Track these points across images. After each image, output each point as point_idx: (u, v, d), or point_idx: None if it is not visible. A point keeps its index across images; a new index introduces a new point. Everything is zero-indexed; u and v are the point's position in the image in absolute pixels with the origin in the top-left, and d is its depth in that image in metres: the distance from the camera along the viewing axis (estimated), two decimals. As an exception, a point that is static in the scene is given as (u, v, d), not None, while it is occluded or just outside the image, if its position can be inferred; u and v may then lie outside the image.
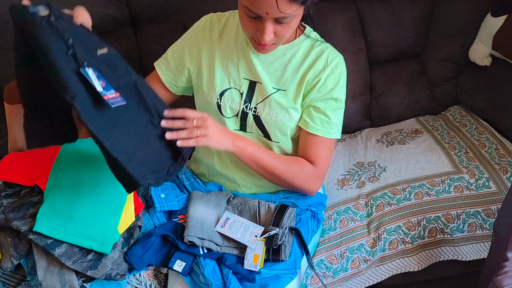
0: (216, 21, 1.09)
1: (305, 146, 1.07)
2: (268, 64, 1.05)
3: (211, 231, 1.02)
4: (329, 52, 1.04)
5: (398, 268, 1.21)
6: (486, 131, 1.45)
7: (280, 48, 1.04)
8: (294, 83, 1.04)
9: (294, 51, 1.05)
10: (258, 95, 1.06)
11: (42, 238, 0.93)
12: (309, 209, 1.14)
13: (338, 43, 1.59)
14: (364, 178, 1.36)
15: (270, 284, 0.96)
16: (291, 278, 1.01)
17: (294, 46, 1.05)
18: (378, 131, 1.61)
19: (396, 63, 1.71)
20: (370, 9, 1.64)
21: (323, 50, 1.04)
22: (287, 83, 1.05)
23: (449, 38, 1.65)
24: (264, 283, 0.96)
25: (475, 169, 1.31)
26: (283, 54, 1.05)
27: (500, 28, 1.47)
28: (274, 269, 1.00)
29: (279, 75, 1.05)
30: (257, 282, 0.97)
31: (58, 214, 0.97)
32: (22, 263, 0.97)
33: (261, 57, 1.05)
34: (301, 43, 1.05)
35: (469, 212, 1.22)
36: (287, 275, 1.00)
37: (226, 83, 1.06)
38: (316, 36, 1.08)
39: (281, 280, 0.98)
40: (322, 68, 1.03)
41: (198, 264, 0.98)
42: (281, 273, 1.00)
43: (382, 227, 1.21)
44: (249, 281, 0.97)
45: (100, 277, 0.94)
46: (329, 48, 1.06)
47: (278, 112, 1.05)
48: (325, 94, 1.04)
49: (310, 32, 1.08)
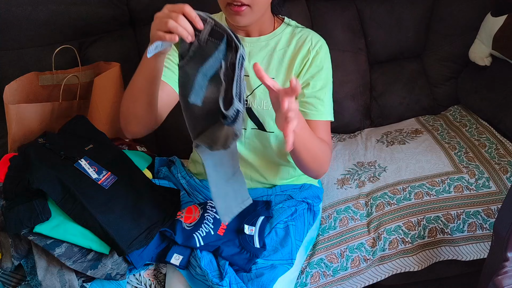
0: None
1: None
2: (253, 56, 1.09)
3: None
4: (312, 36, 1.08)
5: (398, 268, 1.21)
6: (486, 131, 1.45)
7: (263, 39, 1.08)
8: (282, 70, 1.08)
9: (276, 40, 1.09)
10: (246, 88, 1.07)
11: (42, 239, 0.94)
12: (305, 201, 1.16)
13: (338, 43, 1.60)
14: (364, 178, 1.36)
15: (266, 273, 0.98)
16: (287, 268, 1.02)
17: (276, 35, 1.09)
18: (378, 131, 1.61)
19: (396, 63, 1.70)
20: (370, 9, 1.64)
21: (306, 35, 1.08)
22: (275, 71, 1.08)
23: (449, 38, 1.65)
24: (260, 273, 0.98)
25: (475, 169, 1.31)
26: (266, 44, 1.09)
27: (500, 28, 1.47)
28: (270, 259, 1.02)
29: (266, 64, 1.08)
30: (253, 272, 0.98)
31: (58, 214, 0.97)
32: (22, 263, 0.97)
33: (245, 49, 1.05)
34: (282, 32, 1.09)
35: (469, 212, 1.22)
36: (283, 265, 1.02)
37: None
38: (296, 24, 1.12)
39: (276, 270, 0.99)
40: (307, 51, 1.06)
41: (195, 257, 0.99)
42: (277, 263, 1.01)
43: (382, 227, 1.21)
44: (246, 271, 0.98)
45: (100, 277, 0.94)
46: (311, 33, 1.10)
47: (269, 101, 1.05)
48: (313, 77, 1.06)
49: (290, 21, 1.12)
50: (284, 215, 1.09)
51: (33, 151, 1.07)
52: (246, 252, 1.01)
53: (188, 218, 1.05)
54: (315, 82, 1.06)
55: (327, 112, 1.07)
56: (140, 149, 1.34)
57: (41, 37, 1.40)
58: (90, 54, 1.45)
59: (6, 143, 1.24)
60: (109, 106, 1.32)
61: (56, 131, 1.22)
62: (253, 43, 1.09)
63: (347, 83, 1.61)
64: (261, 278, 0.96)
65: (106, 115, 1.31)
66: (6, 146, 1.24)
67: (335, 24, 1.61)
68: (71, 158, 1.07)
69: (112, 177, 1.05)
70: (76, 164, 1.05)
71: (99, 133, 1.20)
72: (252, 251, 1.01)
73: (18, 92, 1.23)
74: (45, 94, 1.29)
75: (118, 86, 1.35)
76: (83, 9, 1.42)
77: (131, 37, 1.53)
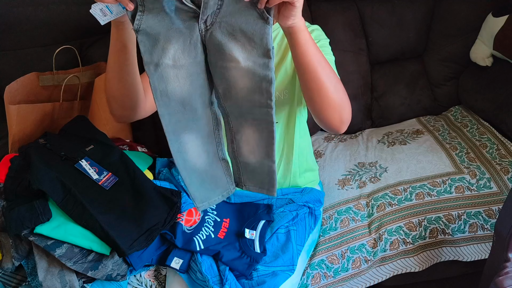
0: None
1: None
2: None
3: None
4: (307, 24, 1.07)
5: (399, 269, 1.21)
6: (487, 132, 1.45)
7: None
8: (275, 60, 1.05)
9: (274, 35, 1.07)
10: None
11: (42, 239, 0.93)
12: (307, 205, 1.15)
13: (339, 43, 1.60)
14: (365, 179, 1.36)
15: (267, 281, 0.97)
16: (289, 275, 1.02)
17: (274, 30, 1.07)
18: (379, 132, 1.61)
19: (397, 64, 1.70)
20: (371, 9, 1.64)
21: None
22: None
23: (450, 38, 1.65)
24: (261, 280, 0.97)
25: (476, 169, 1.30)
26: None
27: (501, 28, 1.47)
28: (271, 266, 1.01)
29: None
30: (254, 279, 0.97)
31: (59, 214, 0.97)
32: (23, 264, 0.97)
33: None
34: (279, 27, 1.06)
35: (470, 212, 1.22)
36: (284, 272, 1.01)
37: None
38: None
39: (278, 277, 0.99)
40: None
41: (195, 261, 0.98)
42: (278, 270, 1.01)
43: (383, 227, 1.21)
44: (246, 278, 0.97)
45: (100, 277, 0.94)
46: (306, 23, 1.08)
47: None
48: None
49: None
50: (285, 220, 1.08)
51: (34, 151, 1.07)
52: (247, 257, 1.00)
53: (189, 221, 1.05)
54: None
55: (333, 67, 1.02)
56: (141, 149, 1.34)
57: (42, 37, 1.40)
58: (91, 54, 1.45)
59: (6, 144, 1.23)
60: (110, 107, 1.32)
61: (56, 132, 1.22)
62: None
63: (348, 83, 1.59)
64: (262, 286, 0.95)
65: (107, 115, 1.31)
66: (6, 147, 1.23)
67: (336, 24, 1.61)
68: (71, 159, 1.07)
69: (113, 178, 1.05)
70: (77, 165, 1.05)
71: (100, 133, 1.20)
72: (253, 256, 1.00)
73: (18, 92, 1.23)
74: (45, 95, 1.29)
75: (118, 87, 1.35)
76: (84, 9, 1.40)
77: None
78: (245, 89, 0.79)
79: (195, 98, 0.81)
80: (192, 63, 0.78)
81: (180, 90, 0.79)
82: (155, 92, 0.78)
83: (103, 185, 1.03)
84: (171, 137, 0.81)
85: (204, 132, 0.85)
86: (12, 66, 1.38)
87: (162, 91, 0.78)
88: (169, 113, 0.80)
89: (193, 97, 0.81)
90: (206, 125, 0.85)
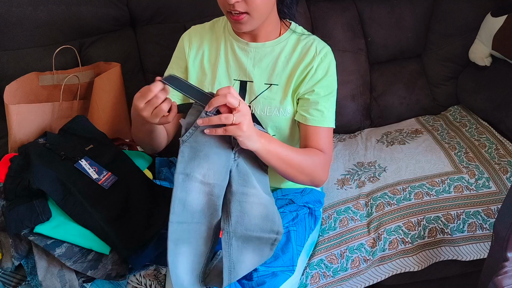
0: (194, 32, 1.13)
1: (308, 138, 1.06)
2: (258, 61, 1.08)
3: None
4: (317, 43, 1.08)
5: (398, 268, 1.21)
6: (486, 131, 1.45)
7: (268, 45, 1.07)
8: (285, 76, 1.07)
9: (282, 46, 1.08)
10: (250, 94, 1.08)
11: (42, 239, 0.94)
12: (307, 206, 1.15)
13: (338, 43, 1.60)
14: (364, 178, 1.36)
15: (267, 281, 0.97)
16: (289, 275, 1.02)
17: (281, 41, 1.08)
18: (378, 131, 1.61)
19: (396, 63, 1.71)
20: (370, 10, 1.64)
21: (311, 42, 1.08)
22: (279, 77, 1.07)
23: (449, 38, 1.65)
24: (261, 281, 0.97)
25: (475, 169, 1.31)
26: (271, 50, 1.08)
27: (500, 28, 1.47)
28: (271, 267, 1.01)
29: (270, 70, 1.08)
30: (254, 280, 0.97)
31: (59, 214, 0.97)
32: (23, 263, 0.97)
33: (250, 55, 1.08)
34: (288, 38, 1.09)
35: (469, 212, 1.22)
36: (284, 273, 1.01)
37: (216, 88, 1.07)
38: (302, 30, 1.12)
39: (278, 278, 0.99)
40: (312, 58, 1.05)
41: None
42: (278, 271, 1.00)
43: (382, 227, 1.21)
44: (246, 278, 0.97)
45: (100, 277, 0.94)
46: (316, 39, 1.09)
47: (272, 107, 1.07)
48: (317, 84, 1.05)
49: (296, 27, 1.11)
50: (285, 220, 1.08)
51: (34, 151, 1.07)
52: None
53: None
54: (319, 89, 1.05)
55: (329, 120, 1.06)
56: (141, 149, 1.34)
57: (41, 37, 1.40)
58: (90, 54, 1.45)
59: (6, 143, 1.24)
60: (109, 106, 1.32)
61: (56, 131, 1.22)
62: (258, 48, 1.08)
63: (347, 83, 1.61)
64: (262, 287, 0.95)
65: (107, 115, 1.31)
66: (6, 146, 1.24)
67: (335, 24, 1.61)
68: (71, 158, 1.07)
69: (112, 178, 1.05)
70: (77, 165, 1.06)
71: (100, 133, 1.20)
72: None
73: (18, 92, 1.23)
74: (45, 94, 1.30)
75: (118, 86, 1.35)
76: (84, 9, 1.42)
77: (131, 37, 1.53)
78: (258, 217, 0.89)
79: (205, 215, 0.87)
80: (218, 185, 0.87)
81: (196, 203, 0.86)
82: (174, 200, 0.85)
83: (102, 185, 1.03)
84: (171, 246, 0.85)
85: (198, 251, 0.88)
86: (12, 66, 1.38)
87: (181, 200, 0.85)
88: (178, 222, 0.85)
89: (205, 213, 0.87)
90: (203, 245, 0.89)
